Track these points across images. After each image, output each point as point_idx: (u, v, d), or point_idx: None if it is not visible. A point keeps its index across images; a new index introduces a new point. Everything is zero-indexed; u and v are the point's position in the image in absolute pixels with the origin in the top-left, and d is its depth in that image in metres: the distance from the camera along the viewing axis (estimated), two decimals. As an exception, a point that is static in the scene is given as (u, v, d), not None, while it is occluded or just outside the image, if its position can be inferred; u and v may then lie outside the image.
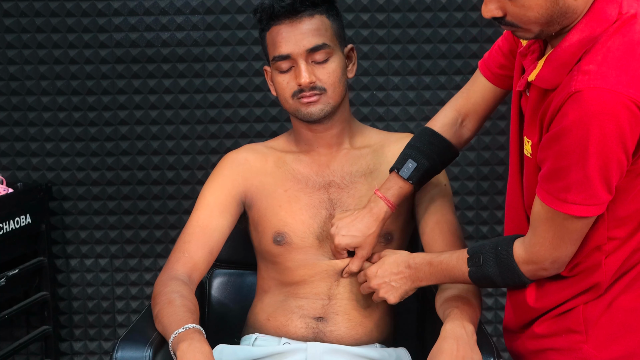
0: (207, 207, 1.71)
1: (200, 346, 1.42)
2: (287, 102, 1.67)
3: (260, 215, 1.72)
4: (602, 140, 1.23)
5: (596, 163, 1.25)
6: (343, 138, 1.75)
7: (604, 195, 1.29)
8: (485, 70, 1.61)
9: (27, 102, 2.61)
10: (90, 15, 2.55)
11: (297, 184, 1.72)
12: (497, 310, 2.67)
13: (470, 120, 1.65)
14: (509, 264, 1.43)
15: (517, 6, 1.27)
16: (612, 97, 1.22)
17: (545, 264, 1.40)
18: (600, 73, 1.24)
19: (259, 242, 1.74)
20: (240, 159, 1.77)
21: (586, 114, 1.23)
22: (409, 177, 1.60)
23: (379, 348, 1.69)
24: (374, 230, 1.61)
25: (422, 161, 1.60)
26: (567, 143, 1.26)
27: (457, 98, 1.67)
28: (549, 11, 1.27)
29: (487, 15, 1.30)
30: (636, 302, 1.42)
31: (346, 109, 1.74)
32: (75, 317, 2.73)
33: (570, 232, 1.35)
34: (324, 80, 1.63)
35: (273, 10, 1.62)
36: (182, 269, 1.66)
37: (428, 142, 1.62)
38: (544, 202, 1.33)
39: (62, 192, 2.66)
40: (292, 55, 1.62)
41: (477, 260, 1.47)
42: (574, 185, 1.28)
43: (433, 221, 1.69)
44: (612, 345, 1.42)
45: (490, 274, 1.45)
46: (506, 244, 1.44)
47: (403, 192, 1.61)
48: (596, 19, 1.29)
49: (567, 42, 1.30)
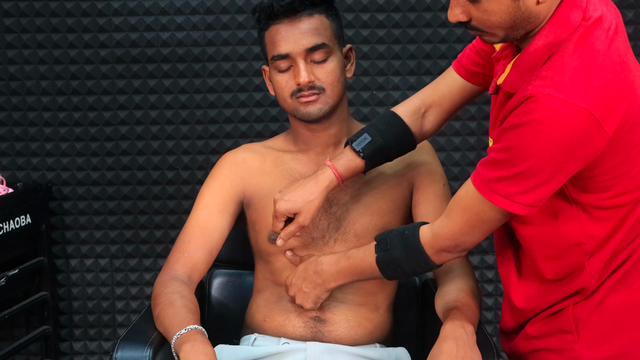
0: (206, 207, 1.71)
1: (203, 347, 1.42)
2: (286, 102, 1.67)
3: (257, 215, 1.72)
4: (544, 147, 1.25)
5: (532, 166, 1.27)
6: (341, 137, 1.75)
7: (532, 198, 1.31)
8: (459, 67, 1.61)
9: (27, 102, 2.61)
10: (90, 15, 2.55)
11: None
12: (497, 310, 2.67)
13: (433, 113, 1.65)
14: (415, 245, 1.45)
15: (481, 11, 1.28)
16: (563, 106, 1.23)
17: (449, 247, 1.43)
18: (556, 80, 1.25)
19: (255, 241, 1.74)
20: (239, 159, 1.77)
21: (536, 119, 1.24)
22: (361, 150, 1.58)
23: (379, 348, 1.69)
24: (315, 197, 1.59)
25: (376, 137, 1.59)
26: (512, 140, 1.28)
27: (425, 89, 1.67)
28: (512, 16, 1.28)
29: (453, 20, 1.32)
30: (626, 301, 1.42)
31: (344, 108, 1.74)
32: (75, 317, 2.73)
33: (484, 221, 1.37)
34: (323, 80, 1.63)
35: (272, 9, 1.62)
36: (182, 269, 1.66)
37: (387, 123, 1.62)
38: (475, 185, 1.35)
39: (62, 192, 2.66)
40: (291, 55, 1.62)
41: (384, 245, 1.49)
42: (506, 179, 1.30)
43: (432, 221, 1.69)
44: (604, 344, 1.43)
45: (396, 256, 1.47)
46: (413, 227, 1.48)
47: (352, 165, 1.60)
48: (560, 24, 1.30)
49: (532, 47, 1.32)
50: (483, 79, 1.59)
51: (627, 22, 2.52)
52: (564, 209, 1.39)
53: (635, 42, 2.55)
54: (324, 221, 1.69)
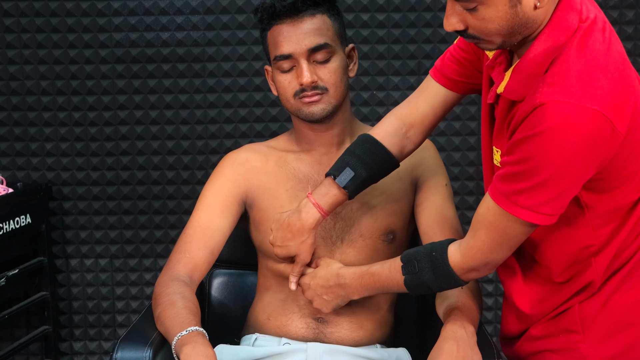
0: (208, 207, 1.71)
1: (203, 349, 1.42)
2: (289, 102, 1.67)
3: (262, 215, 1.72)
4: (562, 153, 1.24)
5: (552, 174, 1.25)
6: (344, 137, 1.75)
7: (555, 207, 1.30)
8: (440, 78, 1.57)
9: (27, 102, 2.61)
10: (90, 15, 2.55)
11: (298, 183, 1.72)
12: (497, 310, 2.67)
13: (415, 132, 1.61)
14: (444, 268, 1.43)
15: (478, 19, 1.27)
16: (575, 110, 1.22)
17: (479, 267, 1.41)
18: (564, 85, 1.24)
19: (260, 241, 1.74)
20: (241, 159, 1.76)
21: (549, 127, 1.23)
22: (345, 186, 1.56)
23: (379, 349, 1.69)
24: (306, 237, 1.59)
25: (360, 171, 1.55)
26: (527, 150, 1.26)
27: (402, 107, 1.62)
28: (510, 23, 1.26)
29: (449, 29, 1.30)
30: (631, 299, 1.42)
31: (347, 108, 1.74)
32: (75, 317, 2.73)
33: (510, 237, 1.35)
34: (326, 80, 1.63)
35: (274, 9, 1.62)
36: (183, 270, 1.65)
37: (368, 151, 1.57)
38: (494, 199, 1.33)
39: (62, 192, 2.66)
40: (293, 55, 1.62)
41: (412, 267, 1.46)
42: (527, 191, 1.28)
43: (434, 222, 1.69)
44: (609, 342, 1.43)
45: (426, 280, 1.45)
46: (440, 248, 1.44)
47: (337, 200, 1.58)
48: (558, 28, 1.29)
49: (532, 52, 1.30)
50: (467, 87, 1.57)
51: (627, 22, 2.52)
52: (576, 214, 1.38)
53: (636, 42, 2.55)
54: (330, 221, 1.69)
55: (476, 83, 1.55)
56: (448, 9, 1.30)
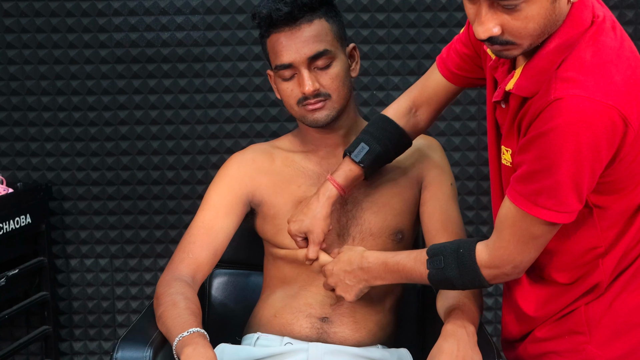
0: (213, 207, 1.71)
1: (204, 351, 1.41)
2: (293, 109, 1.67)
3: (276, 210, 1.71)
4: (578, 148, 1.23)
5: (569, 170, 1.25)
6: (350, 137, 1.74)
7: (574, 203, 1.29)
8: (443, 68, 1.60)
9: (27, 102, 2.61)
10: (90, 15, 2.55)
11: (308, 180, 1.72)
12: (497, 310, 2.67)
13: (424, 112, 1.66)
14: (471, 266, 1.41)
15: (520, 19, 1.22)
16: (591, 105, 1.22)
17: (507, 269, 1.39)
18: (580, 81, 1.23)
19: (273, 236, 1.73)
20: (248, 159, 1.76)
21: (564, 122, 1.22)
22: (360, 161, 1.59)
23: (381, 349, 1.69)
24: (320, 212, 1.59)
25: (374, 145, 1.60)
26: (542, 147, 1.26)
27: (412, 89, 1.67)
28: (548, 19, 1.24)
29: (485, 36, 1.24)
30: (637, 300, 1.42)
31: (352, 108, 1.74)
32: (75, 317, 2.73)
33: (535, 237, 1.34)
34: (328, 86, 1.63)
35: (271, 19, 1.61)
36: (186, 270, 1.65)
37: (381, 128, 1.62)
38: (514, 202, 1.32)
39: (62, 192, 2.66)
40: (294, 64, 1.61)
41: (438, 262, 1.45)
42: (546, 190, 1.27)
43: (438, 221, 1.69)
44: (615, 343, 1.43)
45: (450, 276, 1.44)
46: (468, 246, 1.43)
47: (352, 175, 1.61)
48: (573, 25, 1.28)
49: (546, 49, 1.29)
50: (467, 81, 1.59)
51: (627, 22, 2.52)
52: (585, 217, 1.38)
53: (636, 42, 2.53)
54: (343, 218, 1.69)
55: (477, 78, 1.56)
56: (483, 14, 1.22)
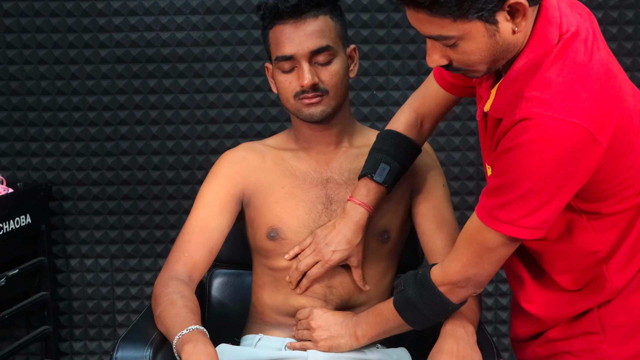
0: (206, 206, 1.71)
1: (205, 348, 1.41)
2: (289, 102, 1.67)
3: (256, 212, 1.72)
4: (541, 166, 1.23)
5: (532, 187, 1.25)
6: (342, 137, 1.75)
7: (536, 220, 1.28)
8: (440, 80, 1.61)
9: (27, 102, 2.61)
10: (90, 15, 2.55)
11: (294, 181, 1.72)
12: (497, 311, 2.67)
13: (427, 122, 1.67)
14: (427, 283, 1.43)
15: (459, 53, 1.26)
16: (554, 123, 1.21)
17: (460, 281, 1.40)
18: (544, 100, 1.23)
19: (253, 238, 1.74)
20: (239, 157, 1.77)
21: (528, 140, 1.22)
22: (385, 181, 1.60)
23: (380, 349, 1.69)
24: (360, 238, 1.62)
25: (393, 164, 1.61)
26: (507, 163, 1.26)
27: (414, 100, 1.67)
28: (491, 51, 1.26)
29: (433, 65, 1.30)
30: None
31: (347, 108, 1.74)
32: (75, 317, 2.73)
33: (490, 251, 1.35)
34: (327, 82, 1.63)
35: (277, 10, 1.61)
36: (183, 269, 1.65)
37: (396, 145, 1.62)
38: (478, 215, 1.33)
39: (62, 192, 2.66)
40: (295, 57, 1.62)
41: (400, 286, 1.49)
42: (507, 205, 1.28)
43: (433, 222, 1.69)
44: (630, 342, 1.43)
45: (411, 296, 1.45)
46: (427, 268, 1.46)
47: (379, 196, 1.62)
48: (538, 44, 1.28)
49: (514, 69, 1.29)
50: (464, 90, 1.59)
51: (626, 22, 2.52)
52: (574, 221, 1.38)
53: (636, 42, 2.55)
54: (324, 218, 1.69)
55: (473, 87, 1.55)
56: (429, 47, 1.30)
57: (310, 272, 1.63)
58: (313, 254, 1.63)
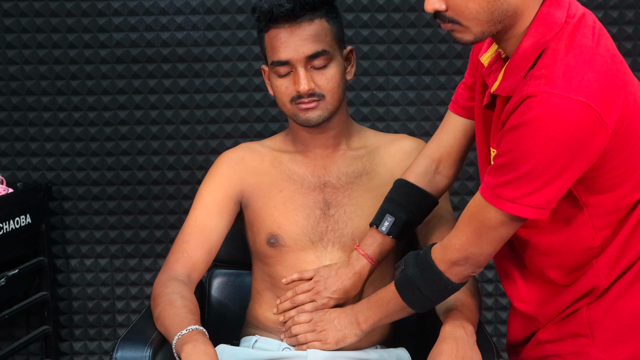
0: (205, 206, 1.71)
1: (204, 348, 1.42)
2: (285, 106, 1.66)
3: (255, 216, 1.72)
4: (547, 144, 1.23)
5: (536, 165, 1.24)
6: (340, 139, 1.75)
7: (540, 198, 1.28)
8: (455, 108, 1.59)
9: (27, 102, 2.61)
10: (90, 15, 2.55)
11: (292, 185, 1.71)
12: (497, 311, 2.67)
13: (445, 166, 1.63)
14: (427, 261, 1.43)
15: None
16: (561, 101, 1.21)
17: (459, 260, 1.39)
18: (552, 78, 1.23)
19: (253, 242, 1.74)
20: (237, 158, 1.76)
21: (535, 117, 1.22)
22: (389, 232, 1.60)
23: (379, 349, 1.69)
24: (359, 290, 1.63)
25: (399, 215, 1.59)
26: (513, 141, 1.26)
27: (428, 146, 1.64)
28: (490, 5, 1.25)
29: (430, 9, 1.28)
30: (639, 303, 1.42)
31: (344, 111, 1.73)
32: (75, 317, 2.73)
33: (490, 229, 1.34)
34: (323, 87, 1.63)
35: (272, 14, 1.60)
36: (181, 269, 1.65)
37: (404, 194, 1.60)
38: (481, 193, 1.32)
39: (62, 192, 2.66)
40: (291, 62, 1.61)
41: (400, 267, 1.49)
42: (511, 182, 1.27)
43: (431, 223, 1.69)
44: (619, 346, 1.42)
45: (411, 275, 1.45)
46: (428, 247, 1.46)
47: (385, 247, 1.62)
48: (545, 24, 1.28)
49: (521, 48, 1.30)
50: None
51: (627, 22, 2.52)
52: (576, 215, 1.38)
53: (636, 42, 2.55)
54: (322, 224, 1.68)
55: None
56: None
57: (301, 307, 1.65)
58: (310, 293, 1.64)
